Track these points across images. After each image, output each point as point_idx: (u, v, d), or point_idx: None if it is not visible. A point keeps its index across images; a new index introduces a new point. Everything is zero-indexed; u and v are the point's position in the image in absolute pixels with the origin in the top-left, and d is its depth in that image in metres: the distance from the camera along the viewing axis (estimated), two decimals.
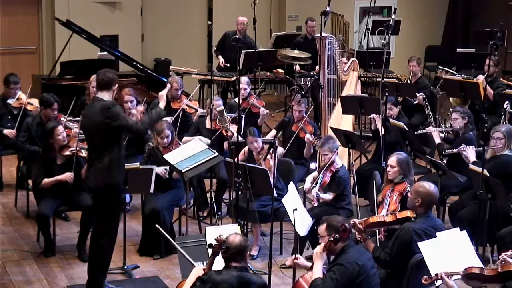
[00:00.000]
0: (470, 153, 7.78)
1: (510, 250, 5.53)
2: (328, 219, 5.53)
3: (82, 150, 7.65)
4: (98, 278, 6.73)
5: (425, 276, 5.40)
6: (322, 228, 5.50)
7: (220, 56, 12.30)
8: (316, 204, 7.64)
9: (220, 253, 5.19)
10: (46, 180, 7.67)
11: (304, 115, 8.81)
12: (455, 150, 7.94)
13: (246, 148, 8.11)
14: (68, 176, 7.63)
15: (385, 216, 6.33)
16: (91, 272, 6.76)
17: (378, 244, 6.36)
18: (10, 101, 9.43)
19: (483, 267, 5.26)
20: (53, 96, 8.74)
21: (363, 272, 5.34)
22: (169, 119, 8.93)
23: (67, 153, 7.71)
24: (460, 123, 8.44)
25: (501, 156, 7.66)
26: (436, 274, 5.31)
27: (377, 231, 6.60)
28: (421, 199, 6.03)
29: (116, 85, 6.62)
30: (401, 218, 6.16)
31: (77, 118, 8.96)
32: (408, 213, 6.12)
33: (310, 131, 8.59)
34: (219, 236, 5.21)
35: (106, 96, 6.55)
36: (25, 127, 8.76)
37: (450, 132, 8.70)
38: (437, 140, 8.56)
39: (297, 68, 12.19)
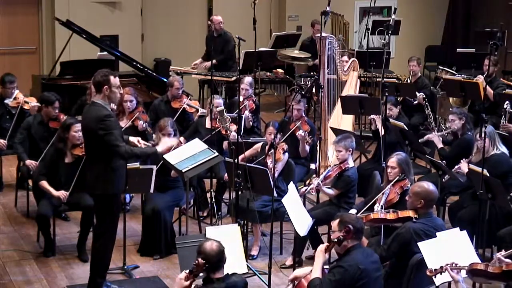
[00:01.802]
0: (463, 166, 7.79)
1: (504, 250, 5.54)
2: (342, 215, 5.49)
3: None
4: (97, 279, 6.73)
5: (430, 268, 5.39)
6: (334, 223, 5.45)
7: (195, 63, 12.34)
8: (314, 193, 7.61)
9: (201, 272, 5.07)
10: (44, 183, 7.66)
11: (303, 114, 8.81)
12: (452, 172, 7.95)
13: (258, 145, 8.11)
14: (62, 193, 7.60)
15: (387, 213, 6.32)
16: (91, 272, 6.76)
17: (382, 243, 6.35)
18: (7, 101, 9.44)
19: (488, 264, 5.25)
20: (54, 94, 8.74)
21: (364, 276, 5.30)
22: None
23: (78, 153, 7.71)
24: (457, 124, 8.45)
25: (491, 157, 7.66)
26: (441, 267, 5.30)
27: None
28: (423, 200, 6.03)
29: (106, 86, 6.41)
30: (402, 217, 6.17)
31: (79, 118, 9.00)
32: (409, 213, 6.12)
33: (306, 129, 8.58)
34: (197, 260, 5.02)
35: (99, 99, 6.46)
36: (24, 126, 8.76)
37: (449, 133, 8.70)
38: (439, 145, 8.56)
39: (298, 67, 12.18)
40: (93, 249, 6.77)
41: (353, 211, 6.97)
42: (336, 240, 5.33)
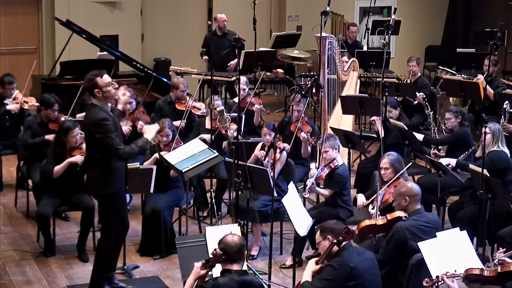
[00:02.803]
0: (451, 161, 7.81)
1: (501, 248, 5.53)
2: (322, 225, 5.57)
3: None
4: (97, 278, 6.73)
5: (426, 279, 5.40)
6: (317, 235, 5.54)
7: (205, 57, 12.32)
8: (307, 195, 7.65)
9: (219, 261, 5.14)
10: (57, 167, 7.62)
11: (303, 115, 8.81)
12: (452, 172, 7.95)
13: (259, 145, 8.11)
14: (78, 158, 7.58)
15: (376, 219, 6.30)
16: (93, 271, 6.78)
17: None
18: (7, 101, 9.44)
19: (483, 268, 5.26)
20: (54, 96, 8.72)
21: (355, 274, 5.31)
22: (177, 122, 8.85)
23: (76, 154, 7.68)
24: (453, 122, 8.48)
25: (490, 153, 7.66)
26: (437, 276, 5.31)
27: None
28: (407, 197, 6.09)
29: (96, 89, 6.33)
30: (392, 219, 6.15)
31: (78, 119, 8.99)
32: (398, 213, 6.13)
33: (308, 130, 8.58)
34: (215, 250, 5.13)
35: (96, 101, 6.41)
36: (27, 125, 8.75)
37: (449, 132, 8.71)
38: (420, 137, 8.61)
39: None
40: (96, 248, 6.77)
41: (360, 195, 7.11)
42: (336, 241, 5.34)
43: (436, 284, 5.36)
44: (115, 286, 6.84)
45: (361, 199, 7.27)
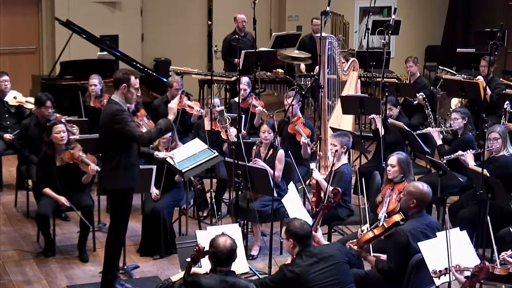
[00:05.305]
0: (468, 157, 7.75)
1: (510, 250, 5.53)
2: (288, 224, 5.57)
3: (85, 162, 7.60)
4: (107, 277, 6.75)
5: (434, 269, 5.38)
6: (283, 231, 5.57)
7: (236, 59, 12.18)
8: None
9: (207, 257, 5.11)
10: (48, 190, 7.64)
11: (299, 113, 8.79)
12: (452, 156, 7.94)
13: (253, 151, 8.10)
14: (62, 200, 7.57)
15: (374, 230, 6.21)
16: (103, 269, 6.81)
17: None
18: (7, 99, 9.45)
19: (495, 266, 5.24)
20: (46, 94, 8.73)
21: (302, 282, 5.30)
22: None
23: (68, 160, 7.68)
24: (460, 123, 8.44)
25: (500, 158, 7.65)
26: (446, 268, 5.29)
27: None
28: (415, 200, 6.01)
29: (124, 84, 6.44)
30: (389, 226, 6.10)
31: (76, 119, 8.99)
32: (395, 219, 6.07)
33: (308, 134, 8.55)
34: (198, 245, 5.09)
35: (116, 96, 6.49)
36: (22, 127, 8.74)
37: (450, 132, 8.70)
38: (439, 142, 8.54)
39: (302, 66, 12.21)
40: (105, 245, 6.81)
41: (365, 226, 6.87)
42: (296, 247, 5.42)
43: (444, 275, 5.32)
44: (123, 285, 6.86)
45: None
